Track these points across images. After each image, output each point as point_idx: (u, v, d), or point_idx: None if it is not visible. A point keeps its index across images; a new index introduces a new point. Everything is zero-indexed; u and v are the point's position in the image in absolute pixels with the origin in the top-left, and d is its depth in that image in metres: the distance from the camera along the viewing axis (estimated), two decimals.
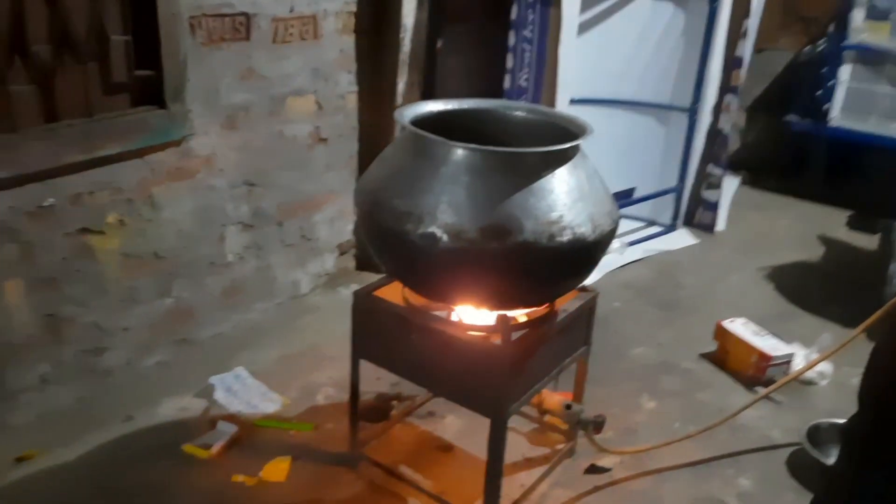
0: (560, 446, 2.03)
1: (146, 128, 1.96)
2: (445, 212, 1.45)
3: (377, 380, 2.17)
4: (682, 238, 3.53)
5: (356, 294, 1.77)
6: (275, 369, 2.30)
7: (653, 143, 3.53)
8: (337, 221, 2.79)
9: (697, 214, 3.65)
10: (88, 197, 1.91)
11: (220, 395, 2.13)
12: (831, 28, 3.92)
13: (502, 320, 1.58)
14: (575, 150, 1.55)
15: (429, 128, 1.56)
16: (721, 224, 3.66)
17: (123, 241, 2.04)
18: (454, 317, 1.67)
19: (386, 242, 1.57)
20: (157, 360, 2.25)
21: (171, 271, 2.21)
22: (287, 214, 2.55)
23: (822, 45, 3.93)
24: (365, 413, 2.04)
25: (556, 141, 1.56)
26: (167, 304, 2.24)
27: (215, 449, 1.92)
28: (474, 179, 1.47)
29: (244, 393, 2.16)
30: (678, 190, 3.53)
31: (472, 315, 1.66)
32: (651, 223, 3.59)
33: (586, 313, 1.83)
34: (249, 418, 2.06)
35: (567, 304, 1.75)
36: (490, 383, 1.58)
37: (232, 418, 2.05)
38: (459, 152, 1.48)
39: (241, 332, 2.49)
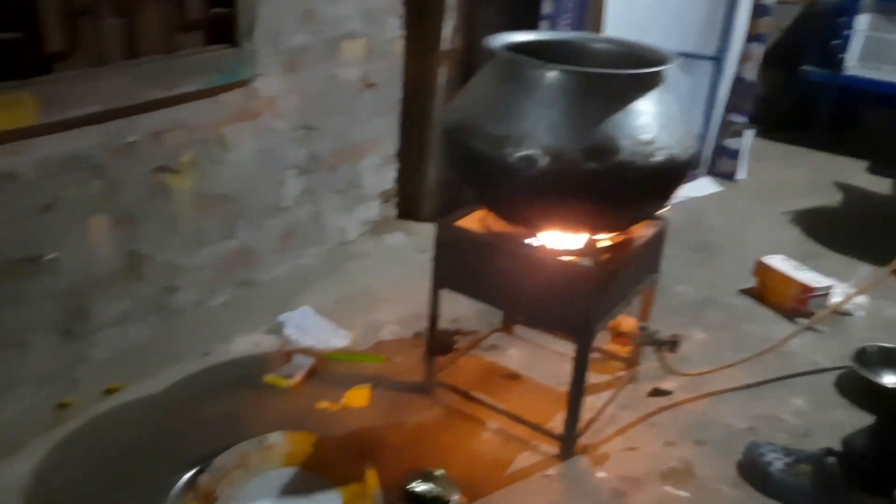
0: (621, 374, 2.12)
1: (218, 66, 1.98)
2: (544, 134, 1.51)
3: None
4: (706, 185, 3.61)
5: (439, 224, 1.82)
6: (335, 309, 2.36)
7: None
8: (381, 169, 2.83)
9: (719, 163, 3.74)
10: (167, 135, 1.94)
11: (290, 332, 2.19)
12: None
13: (591, 243, 1.65)
14: (664, 74, 1.61)
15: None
16: (742, 173, 3.75)
17: (196, 180, 2.07)
18: (538, 242, 1.73)
19: (478, 168, 1.63)
20: (223, 300, 2.30)
21: (236, 212, 2.25)
22: (338, 160, 2.59)
23: None
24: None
25: (637, 66, 1.61)
26: (231, 245, 2.28)
27: (296, 379, 1.98)
28: (571, 102, 1.53)
29: (313, 329, 2.22)
30: (702, 138, 3.61)
31: (555, 241, 1.73)
32: None
33: (658, 241, 1.90)
34: (322, 352, 2.12)
35: (642, 230, 1.83)
36: (577, 305, 1.65)
37: (306, 352, 2.11)
38: (556, 75, 1.53)
39: (296, 275, 2.54)
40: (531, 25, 2.99)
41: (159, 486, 1.54)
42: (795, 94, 4.40)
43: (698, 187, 3.57)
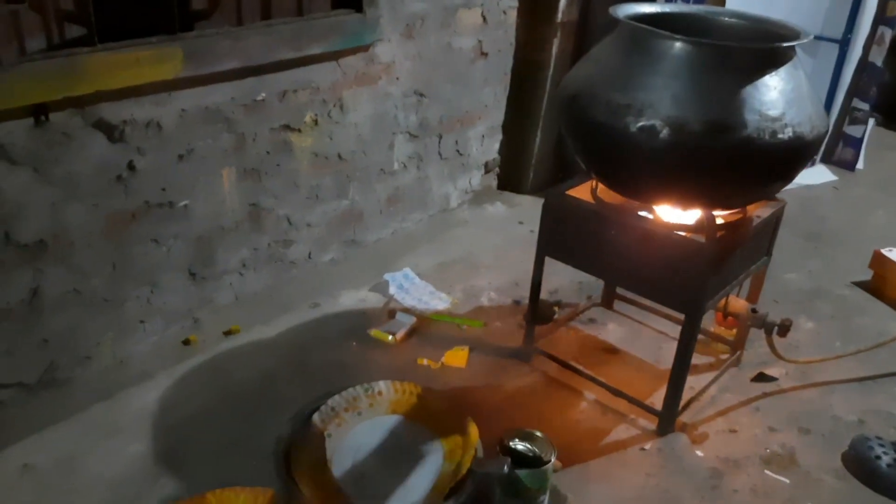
0: (725, 357, 2.09)
1: (343, 30, 2.05)
2: (667, 105, 1.49)
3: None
4: (822, 174, 3.46)
5: (549, 193, 1.83)
6: (436, 273, 2.42)
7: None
8: (486, 139, 2.86)
9: (837, 151, 3.57)
10: (292, 95, 2.03)
11: (394, 291, 2.26)
12: None
13: (708, 218, 1.63)
14: (794, 50, 1.56)
15: None
16: (861, 162, 3.56)
17: (315, 140, 2.16)
18: (651, 214, 1.72)
19: (597, 137, 1.62)
20: (331, 257, 2.40)
21: (348, 174, 2.33)
22: (446, 128, 2.64)
23: None
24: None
25: (766, 41, 1.57)
26: (343, 205, 2.37)
27: (399, 335, 2.05)
28: (696, 74, 1.50)
29: (415, 290, 2.29)
30: None
31: (668, 213, 1.71)
32: None
33: (774, 222, 1.86)
34: (424, 312, 2.19)
35: (759, 210, 1.78)
36: (691, 279, 1.64)
37: (408, 311, 2.18)
38: (682, 47, 1.51)
39: (399, 238, 2.62)
40: None
41: (275, 422, 1.64)
42: None
43: (814, 175, 3.41)
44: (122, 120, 1.68)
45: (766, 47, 1.51)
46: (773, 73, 1.51)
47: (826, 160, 3.58)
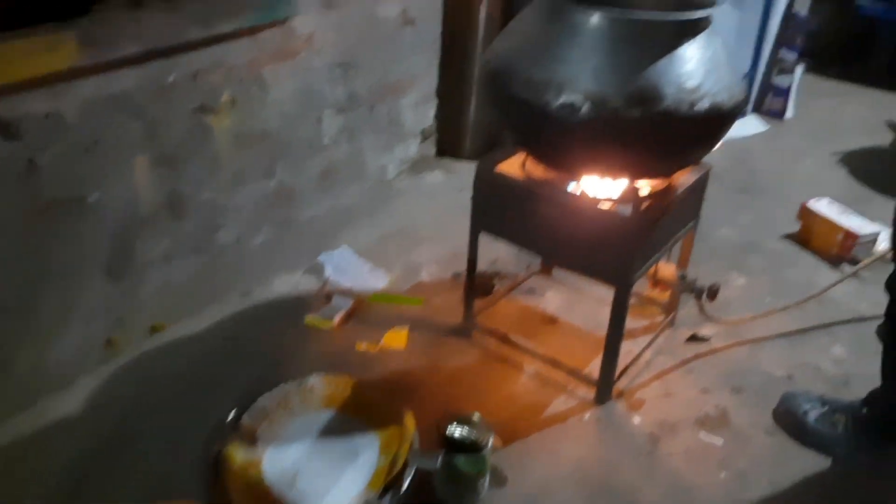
0: (659, 319, 2.12)
1: (257, 4, 1.95)
2: (587, 80, 1.46)
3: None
4: (753, 124, 3.50)
5: (479, 169, 1.80)
6: (374, 249, 2.38)
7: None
8: (421, 106, 2.80)
9: (767, 101, 3.61)
10: (205, 74, 1.93)
11: (330, 272, 2.22)
12: None
13: (632, 191, 1.62)
14: (710, 19, 1.54)
15: None
16: (790, 111, 3.62)
17: (235, 120, 2.07)
18: (578, 189, 1.71)
19: (518, 113, 1.59)
20: (263, 238, 2.33)
21: (274, 152, 2.25)
22: (377, 98, 2.56)
23: None
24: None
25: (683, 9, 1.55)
26: (271, 185, 2.29)
27: (336, 320, 2.02)
28: (615, 47, 1.47)
29: (352, 270, 2.25)
30: (750, 75, 3.47)
31: (596, 186, 1.70)
32: None
33: (700, 187, 1.86)
34: (361, 293, 2.15)
35: (684, 177, 1.79)
36: (617, 252, 1.64)
37: (345, 293, 2.15)
38: (599, 19, 1.48)
39: (336, 214, 2.56)
40: None
41: (203, 424, 1.60)
42: (850, 27, 4.19)
43: (745, 126, 3.46)
44: (18, 115, 1.57)
45: (681, 19, 1.48)
46: (690, 44, 1.49)
47: (757, 110, 3.62)
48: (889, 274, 1.59)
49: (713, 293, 1.81)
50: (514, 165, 1.81)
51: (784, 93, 3.55)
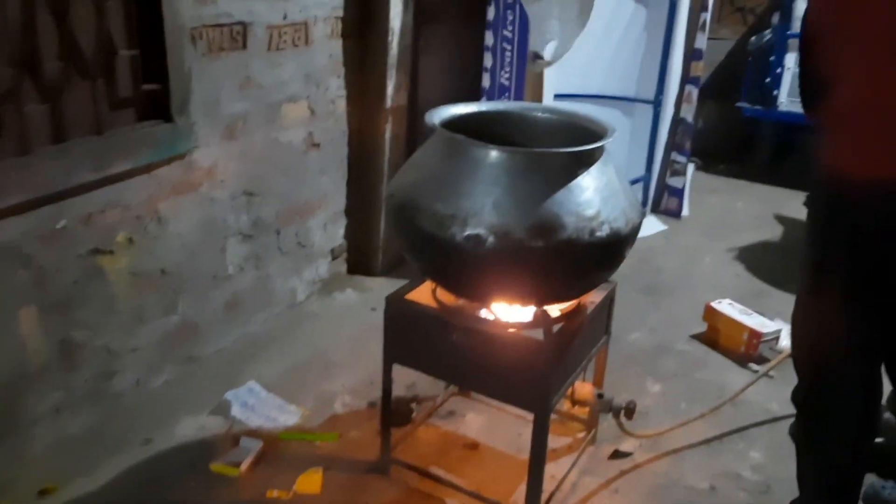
0: (580, 435, 2.10)
1: (153, 142, 1.91)
2: (490, 213, 1.49)
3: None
4: (653, 224, 3.66)
5: (389, 299, 1.77)
6: (286, 381, 2.28)
7: (620, 134, 3.62)
8: (330, 226, 2.78)
9: (664, 201, 3.80)
10: (99, 216, 1.85)
11: (237, 411, 2.10)
12: (775, 18, 4.12)
13: (543, 316, 1.63)
14: (603, 149, 1.61)
15: (455, 130, 1.60)
16: (686, 209, 3.82)
17: (132, 259, 1.99)
18: (490, 315, 1.70)
19: (425, 245, 1.59)
20: (165, 379, 2.20)
21: (176, 287, 2.16)
22: (284, 222, 2.53)
23: (768, 34, 4.13)
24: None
25: (578, 140, 1.62)
26: (173, 321, 2.18)
27: (244, 466, 1.89)
28: (515, 180, 1.51)
29: (261, 407, 2.14)
30: (646, 179, 3.66)
31: (507, 312, 1.70)
32: None
33: (608, 304, 1.90)
34: (272, 432, 2.04)
35: (592, 295, 1.81)
36: (533, 378, 1.62)
37: (254, 433, 2.03)
38: (499, 154, 1.52)
39: (244, 345, 2.45)
40: (471, 77, 3.01)
41: None
42: (733, 127, 4.53)
43: (646, 226, 3.59)
44: None
45: (575, 151, 1.54)
46: (586, 174, 1.55)
47: (655, 210, 3.80)
48: (794, 387, 1.63)
49: (630, 411, 1.82)
50: (425, 293, 1.79)
51: (679, 193, 3.76)
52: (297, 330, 2.58)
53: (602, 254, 1.55)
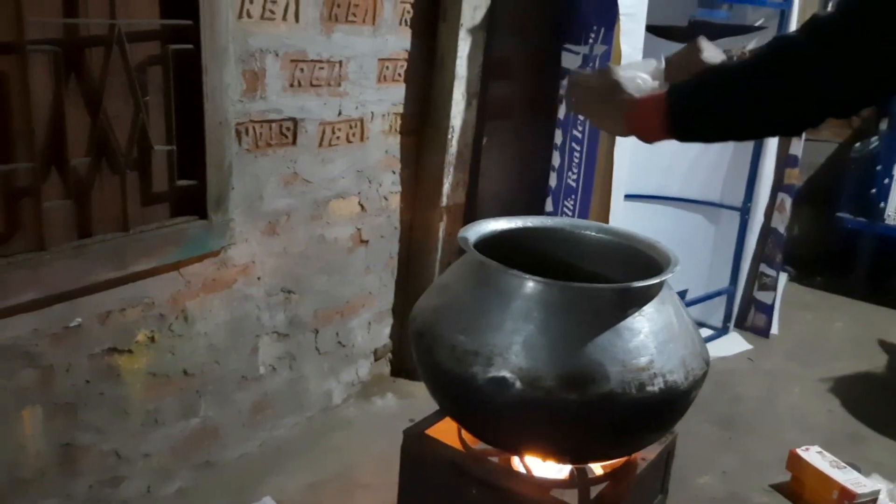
0: None
1: (184, 239, 1.82)
2: (518, 354, 1.28)
3: None
4: (736, 343, 3.32)
5: (406, 434, 1.58)
6: (303, 498, 2.09)
7: (703, 242, 3.36)
8: (374, 325, 2.63)
9: (750, 317, 3.46)
10: (118, 314, 1.76)
11: None
12: (883, 125, 3.79)
13: (580, 476, 1.39)
14: (664, 283, 1.39)
15: (492, 248, 1.43)
16: (775, 328, 3.45)
17: (151, 359, 1.88)
18: (520, 466, 1.47)
19: (446, 382, 1.40)
20: (177, 486, 2.05)
21: (198, 389, 2.04)
22: (323, 321, 2.40)
23: (874, 141, 3.80)
24: None
25: (633, 266, 1.41)
26: (192, 424, 2.05)
27: None
28: (550, 316, 1.30)
29: None
30: (730, 291, 3.35)
31: (540, 465, 1.46)
32: (701, 325, 3.39)
33: (665, 459, 1.62)
34: None
35: (644, 452, 1.55)
36: None
37: None
38: (533, 285, 1.32)
39: (267, 451, 2.29)
40: (535, 175, 2.86)
41: None
42: (831, 237, 4.16)
43: (726, 345, 3.27)
44: None
45: (627, 287, 1.32)
46: (638, 314, 1.32)
47: (739, 326, 3.46)
48: None
49: None
50: (451, 428, 1.58)
51: (768, 309, 3.41)
52: (327, 439, 2.40)
53: (653, 412, 1.31)
